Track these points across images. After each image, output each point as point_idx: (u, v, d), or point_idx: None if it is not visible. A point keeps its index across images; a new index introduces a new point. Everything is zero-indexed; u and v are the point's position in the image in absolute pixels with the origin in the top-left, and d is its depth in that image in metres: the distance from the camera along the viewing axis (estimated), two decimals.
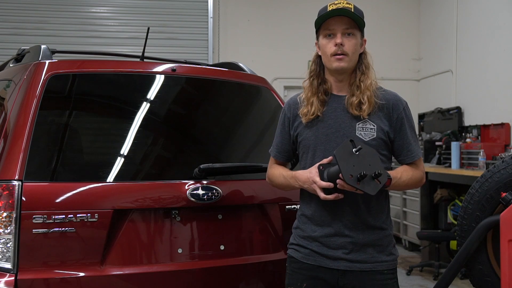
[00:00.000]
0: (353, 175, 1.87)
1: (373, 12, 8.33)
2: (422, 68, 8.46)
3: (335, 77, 2.13)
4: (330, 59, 2.08)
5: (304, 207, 2.16)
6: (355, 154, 1.90)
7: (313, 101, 2.11)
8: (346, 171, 1.87)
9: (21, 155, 2.16)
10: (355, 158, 1.89)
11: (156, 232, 2.36)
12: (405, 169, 2.09)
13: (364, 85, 2.07)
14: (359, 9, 2.10)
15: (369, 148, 1.96)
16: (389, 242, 2.12)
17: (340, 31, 2.05)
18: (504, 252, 2.24)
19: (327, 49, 2.08)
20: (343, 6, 2.05)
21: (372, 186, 1.90)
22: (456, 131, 6.94)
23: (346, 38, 2.05)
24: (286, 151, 2.23)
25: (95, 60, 2.83)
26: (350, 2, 2.08)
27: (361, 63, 2.12)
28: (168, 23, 7.96)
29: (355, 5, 2.09)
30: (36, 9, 7.73)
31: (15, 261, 2.09)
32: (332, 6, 2.07)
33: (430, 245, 5.95)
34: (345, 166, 1.87)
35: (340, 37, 2.05)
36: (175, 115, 2.78)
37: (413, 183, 2.12)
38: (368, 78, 2.09)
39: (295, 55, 7.69)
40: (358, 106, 2.06)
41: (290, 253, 2.19)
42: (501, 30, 6.31)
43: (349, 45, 2.05)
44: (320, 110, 2.10)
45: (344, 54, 2.05)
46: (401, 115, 2.10)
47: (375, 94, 2.08)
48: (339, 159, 1.89)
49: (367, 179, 1.88)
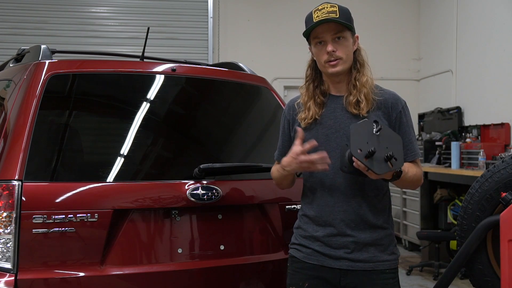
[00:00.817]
0: (362, 150, 1.83)
1: (373, 12, 8.34)
2: (422, 68, 8.46)
3: (332, 79, 2.13)
4: (324, 66, 2.08)
5: (306, 207, 2.17)
6: (375, 134, 1.86)
7: (310, 106, 2.12)
8: (355, 144, 1.84)
9: (21, 155, 2.16)
10: (374, 137, 1.85)
11: (156, 232, 2.36)
12: (410, 165, 2.08)
13: (360, 83, 2.07)
14: (344, 8, 2.07)
15: (393, 133, 1.93)
16: (391, 241, 2.12)
17: (330, 38, 2.04)
18: (504, 252, 2.24)
19: (320, 57, 2.08)
20: (327, 11, 2.03)
21: (381, 166, 1.84)
22: (456, 131, 6.94)
23: (336, 43, 2.05)
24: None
25: (95, 60, 2.82)
26: (334, 4, 2.06)
27: (355, 61, 2.12)
28: (168, 23, 7.96)
29: (340, 6, 2.06)
30: (36, 9, 7.73)
31: (15, 261, 2.09)
32: (316, 13, 2.05)
33: (430, 245, 5.95)
34: (356, 140, 1.84)
35: (331, 44, 2.04)
36: (175, 115, 2.78)
37: (415, 181, 2.11)
38: (363, 75, 2.09)
39: (295, 55, 7.60)
40: (356, 104, 2.07)
41: (292, 252, 2.19)
42: (501, 30, 6.31)
43: (341, 49, 2.05)
44: (318, 113, 2.11)
45: (338, 58, 2.05)
46: (400, 114, 2.10)
47: (373, 91, 2.09)
48: (352, 133, 1.86)
49: (378, 159, 1.83)
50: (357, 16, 2.25)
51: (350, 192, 2.06)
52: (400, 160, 1.87)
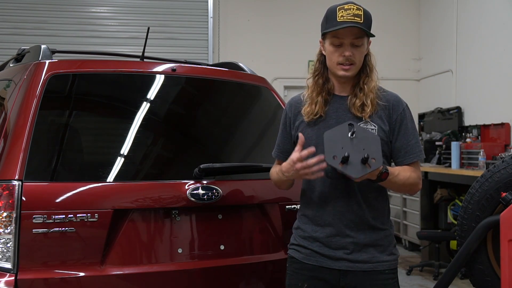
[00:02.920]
0: (337, 156, 1.83)
1: (373, 12, 8.22)
2: (422, 68, 8.46)
3: (339, 79, 2.11)
4: (336, 67, 2.05)
5: (305, 207, 2.16)
6: (349, 138, 1.86)
7: (318, 101, 2.09)
8: (329, 152, 1.85)
9: (21, 155, 2.16)
10: (349, 141, 1.85)
11: (156, 232, 2.36)
12: (404, 169, 2.06)
13: (368, 88, 2.06)
14: (368, 13, 2.04)
15: (370, 133, 1.92)
16: (390, 242, 2.12)
17: (349, 42, 2.01)
18: (504, 252, 2.24)
19: (333, 57, 2.05)
20: (353, 13, 1.99)
21: (358, 169, 1.83)
22: (456, 131, 6.94)
23: (354, 48, 2.02)
24: (288, 151, 2.20)
25: (95, 60, 2.82)
26: (360, 7, 2.01)
27: (365, 65, 2.09)
28: (168, 23, 7.96)
29: (365, 10, 2.02)
30: (36, 9, 7.73)
31: (15, 261, 2.09)
32: (341, 12, 1.99)
33: (430, 245, 5.95)
34: (330, 147, 1.85)
35: (349, 48, 2.01)
36: (175, 115, 2.77)
37: (409, 185, 2.07)
38: (372, 80, 2.08)
39: (295, 55, 7.68)
40: (361, 107, 2.05)
41: (291, 253, 2.18)
42: (501, 30, 6.31)
43: (357, 54, 2.03)
44: (323, 110, 2.09)
45: (352, 63, 2.03)
46: (400, 116, 2.09)
47: (377, 96, 2.08)
48: (326, 141, 1.87)
49: (354, 163, 1.82)
50: None
51: (349, 193, 2.05)
52: (378, 159, 1.86)
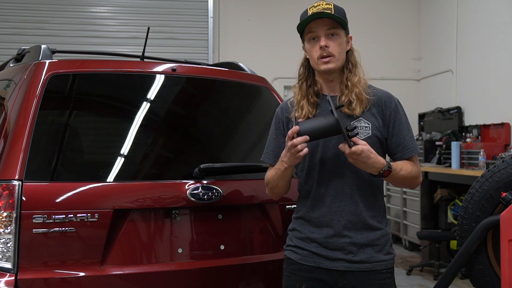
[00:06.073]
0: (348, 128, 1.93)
1: (373, 12, 8.34)
2: (422, 68, 8.46)
3: (325, 78, 2.13)
4: (317, 62, 2.08)
5: (301, 208, 2.16)
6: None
7: (303, 105, 2.11)
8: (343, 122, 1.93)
9: (21, 155, 2.16)
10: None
11: (156, 232, 2.36)
12: (405, 163, 2.08)
13: (352, 83, 2.07)
14: (339, 7, 2.10)
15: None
16: (387, 241, 2.12)
17: (323, 33, 2.05)
18: (504, 252, 2.24)
19: (313, 53, 2.08)
20: (322, 7, 2.05)
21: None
22: (456, 131, 6.94)
23: (329, 39, 2.05)
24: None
25: (95, 60, 2.82)
26: (330, 2, 2.08)
27: (348, 61, 2.12)
28: (168, 23, 7.95)
29: (335, 4, 2.08)
30: (36, 9, 7.72)
31: (15, 261, 2.09)
32: (312, 9, 2.06)
33: (430, 245, 5.95)
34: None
35: (324, 39, 2.04)
36: (175, 115, 2.78)
37: (411, 178, 2.10)
38: (355, 75, 2.09)
39: (295, 55, 7.57)
40: (349, 104, 2.07)
41: (288, 254, 2.18)
42: (501, 30, 6.31)
43: (333, 45, 2.05)
44: (312, 113, 2.10)
45: (330, 55, 2.05)
46: (394, 112, 2.10)
47: (365, 91, 2.08)
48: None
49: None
50: (358, 16, 2.26)
51: (346, 193, 2.06)
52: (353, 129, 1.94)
